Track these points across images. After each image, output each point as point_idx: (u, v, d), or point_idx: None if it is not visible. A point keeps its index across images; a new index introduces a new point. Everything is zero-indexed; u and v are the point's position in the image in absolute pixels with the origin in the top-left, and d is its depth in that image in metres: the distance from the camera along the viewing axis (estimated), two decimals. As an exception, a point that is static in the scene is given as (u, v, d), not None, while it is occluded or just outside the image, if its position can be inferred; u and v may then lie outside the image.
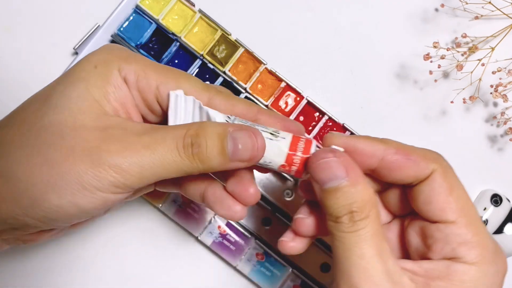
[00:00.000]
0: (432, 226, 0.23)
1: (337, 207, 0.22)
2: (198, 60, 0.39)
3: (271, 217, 0.39)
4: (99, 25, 0.39)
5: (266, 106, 0.39)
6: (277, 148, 0.23)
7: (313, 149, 0.24)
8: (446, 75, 0.41)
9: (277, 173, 0.39)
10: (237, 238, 0.38)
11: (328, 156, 0.22)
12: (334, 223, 0.22)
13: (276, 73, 0.39)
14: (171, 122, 0.23)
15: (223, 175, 0.27)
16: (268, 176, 0.39)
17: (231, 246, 0.38)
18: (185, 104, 0.22)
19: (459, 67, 0.38)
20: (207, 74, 0.39)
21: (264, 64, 0.39)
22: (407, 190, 0.25)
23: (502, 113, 0.39)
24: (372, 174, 0.25)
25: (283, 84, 0.39)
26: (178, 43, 0.39)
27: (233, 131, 0.22)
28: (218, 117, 0.23)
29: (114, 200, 0.23)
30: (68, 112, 0.22)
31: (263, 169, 0.26)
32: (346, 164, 0.22)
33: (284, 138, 0.23)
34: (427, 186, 0.23)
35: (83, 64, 0.23)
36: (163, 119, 0.25)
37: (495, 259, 0.23)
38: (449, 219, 0.23)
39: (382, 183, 0.26)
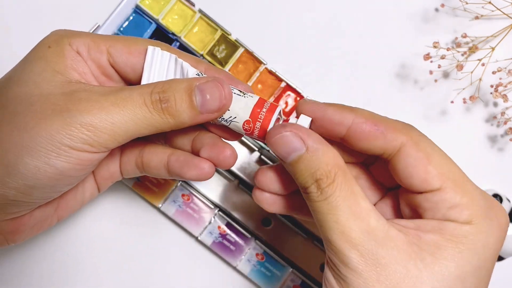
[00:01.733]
0: (419, 196, 0.23)
1: (303, 178, 0.22)
2: (198, 60, 0.39)
3: (271, 217, 0.39)
4: (99, 25, 0.39)
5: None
6: (244, 103, 0.23)
7: (277, 111, 0.24)
8: (446, 75, 0.41)
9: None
10: (237, 238, 0.38)
11: (281, 131, 0.22)
12: (305, 194, 0.22)
13: (276, 73, 0.39)
14: (144, 79, 0.23)
15: (195, 148, 0.27)
16: (268, 176, 0.39)
17: (231, 246, 0.38)
18: (161, 58, 0.22)
19: (459, 67, 0.38)
20: (207, 74, 0.39)
21: (264, 64, 0.39)
22: (388, 164, 0.24)
23: (502, 113, 0.39)
24: (344, 143, 0.25)
25: (283, 84, 0.39)
26: (178, 43, 0.39)
27: (199, 84, 0.22)
28: (191, 70, 0.23)
29: (91, 159, 0.23)
30: (32, 84, 0.23)
31: (229, 132, 0.26)
32: (302, 133, 0.22)
33: (251, 96, 0.24)
34: (402, 160, 0.23)
35: (37, 47, 0.25)
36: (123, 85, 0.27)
37: (488, 215, 0.22)
38: (434, 187, 0.22)
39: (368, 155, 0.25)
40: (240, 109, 0.23)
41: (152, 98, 0.22)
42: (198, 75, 0.23)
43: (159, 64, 0.23)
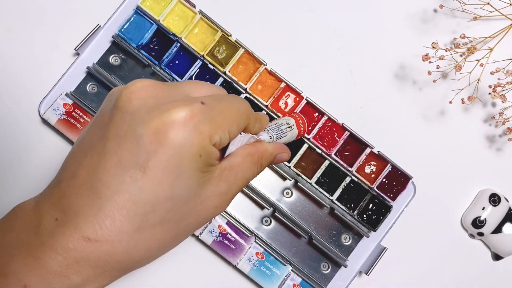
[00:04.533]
0: None
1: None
2: (198, 60, 0.39)
3: (271, 217, 0.39)
4: (100, 26, 0.39)
5: (266, 106, 0.39)
6: (294, 134, 0.32)
7: (305, 123, 0.34)
8: (445, 75, 0.41)
9: (277, 173, 0.39)
10: (237, 237, 0.38)
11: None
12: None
13: (276, 73, 0.39)
14: (228, 152, 0.26)
15: None
16: (268, 176, 0.39)
17: (231, 245, 0.38)
18: (241, 139, 0.26)
19: (458, 67, 0.38)
20: (207, 75, 0.39)
21: (264, 65, 0.39)
22: None
23: (501, 113, 0.39)
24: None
25: (282, 85, 0.39)
26: (178, 44, 0.39)
27: (278, 155, 0.28)
28: (265, 138, 0.28)
29: None
30: (208, 210, 0.24)
31: None
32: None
33: (293, 124, 0.32)
34: None
35: (190, 157, 0.21)
36: None
37: None
38: None
39: None
40: (292, 137, 0.32)
41: (253, 161, 0.26)
42: (271, 136, 0.29)
43: (240, 142, 0.26)
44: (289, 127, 0.32)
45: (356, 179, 0.39)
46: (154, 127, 0.20)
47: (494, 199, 0.40)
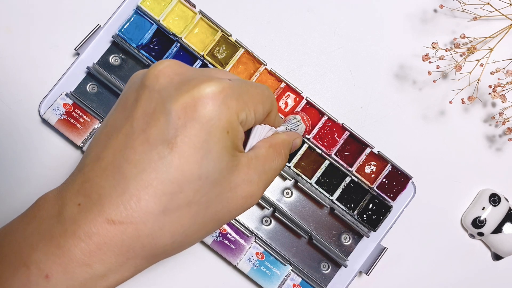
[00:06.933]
0: None
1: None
2: (198, 60, 0.39)
3: (271, 217, 0.39)
4: (100, 26, 0.39)
5: (266, 106, 0.39)
6: (303, 128, 0.34)
7: (309, 119, 0.37)
8: (444, 75, 0.41)
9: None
10: (237, 237, 0.38)
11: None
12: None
13: (276, 73, 0.39)
14: (249, 146, 0.26)
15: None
16: (268, 176, 0.39)
17: (231, 245, 0.38)
18: (262, 130, 0.26)
19: (458, 67, 0.38)
20: (207, 75, 0.39)
21: (264, 65, 0.39)
22: None
23: (501, 113, 0.39)
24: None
25: (283, 85, 0.39)
26: (178, 44, 0.39)
27: (293, 141, 0.29)
28: (282, 129, 0.29)
29: None
30: (233, 191, 0.23)
31: None
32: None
33: (300, 120, 0.34)
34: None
35: (217, 132, 0.21)
36: None
37: None
38: None
39: None
40: (302, 131, 0.33)
41: (276, 152, 0.26)
42: (287, 127, 0.31)
43: (259, 136, 0.27)
44: (298, 121, 0.33)
45: (356, 179, 0.39)
46: (183, 102, 0.20)
47: (494, 199, 0.40)
